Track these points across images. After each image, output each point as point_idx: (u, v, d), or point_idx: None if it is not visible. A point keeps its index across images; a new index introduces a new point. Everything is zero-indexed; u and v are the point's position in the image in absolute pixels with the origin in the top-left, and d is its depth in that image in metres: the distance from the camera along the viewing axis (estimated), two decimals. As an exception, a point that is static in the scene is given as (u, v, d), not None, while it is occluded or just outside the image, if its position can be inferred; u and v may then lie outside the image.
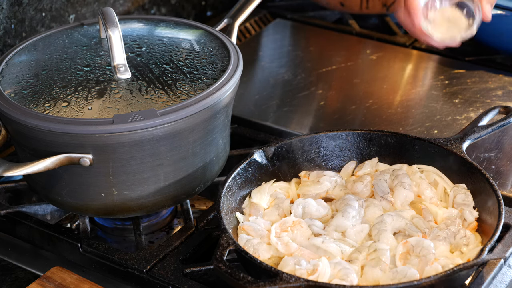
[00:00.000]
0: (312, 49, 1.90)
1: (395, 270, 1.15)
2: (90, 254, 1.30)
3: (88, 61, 1.32)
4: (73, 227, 1.40)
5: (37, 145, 1.22)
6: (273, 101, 1.68)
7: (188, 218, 1.35)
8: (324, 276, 1.14)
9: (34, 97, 1.25)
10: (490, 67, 1.78)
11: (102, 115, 1.21)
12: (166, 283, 1.22)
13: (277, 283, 1.09)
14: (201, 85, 1.27)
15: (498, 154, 1.49)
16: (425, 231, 1.23)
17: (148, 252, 1.27)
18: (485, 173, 1.27)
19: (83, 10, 1.73)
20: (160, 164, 1.24)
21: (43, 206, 1.41)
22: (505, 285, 1.21)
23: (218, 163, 1.34)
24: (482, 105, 1.64)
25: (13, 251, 1.35)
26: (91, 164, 1.21)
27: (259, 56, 1.87)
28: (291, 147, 1.37)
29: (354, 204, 1.26)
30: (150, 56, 1.33)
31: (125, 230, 1.40)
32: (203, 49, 1.35)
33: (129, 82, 1.26)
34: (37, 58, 1.34)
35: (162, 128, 1.20)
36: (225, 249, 1.15)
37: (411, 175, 1.33)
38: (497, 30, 1.76)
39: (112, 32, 1.25)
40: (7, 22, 1.57)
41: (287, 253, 1.20)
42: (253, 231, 1.24)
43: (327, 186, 1.32)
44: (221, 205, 1.24)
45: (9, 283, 1.28)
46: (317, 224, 1.25)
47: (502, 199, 1.22)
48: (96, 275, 1.27)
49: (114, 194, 1.25)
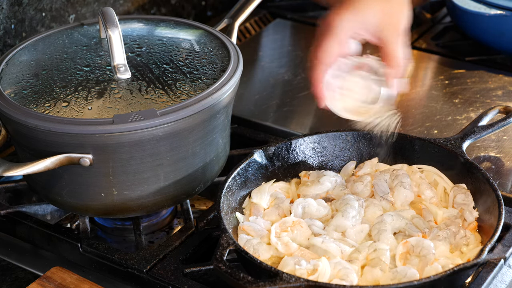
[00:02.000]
0: (312, 49, 1.89)
1: (395, 270, 1.16)
2: (90, 254, 1.30)
3: (88, 61, 1.32)
4: (73, 227, 1.39)
5: (37, 145, 1.22)
6: (273, 101, 1.68)
7: (188, 218, 1.35)
8: (324, 276, 1.14)
9: (34, 97, 1.24)
10: (490, 67, 1.78)
11: (102, 115, 1.21)
12: (166, 283, 1.22)
13: (277, 283, 1.09)
14: (201, 85, 1.27)
15: (498, 154, 1.49)
16: (425, 231, 1.23)
17: (148, 252, 1.27)
18: (485, 173, 1.27)
19: (83, 10, 1.73)
20: (160, 164, 1.24)
21: (43, 206, 1.41)
22: (505, 285, 1.21)
23: (218, 163, 1.34)
24: (482, 105, 1.64)
25: (13, 251, 1.35)
26: (91, 164, 1.21)
27: (259, 56, 1.87)
28: (291, 147, 1.37)
29: (354, 204, 1.26)
30: (150, 56, 1.33)
31: (125, 230, 1.40)
32: (203, 49, 1.35)
33: (129, 82, 1.26)
34: (37, 58, 1.34)
35: (162, 128, 1.20)
36: (225, 249, 1.15)
37: (411, 175, 1.33)
38: (497, 30, 1.76)
39: (112, 32, 1.25)
40: (7, 22, 1.57)
41: (287, 253, 1.20)
42: (253, 231, 1.24)
43: (327, 186, 1.32)
44: (221, 205, 1.24)
45: (9, 283, 1.28)
46: (317, 224, 1.25)
47: (502, 199, 1.22)
48: (96, 275, 1.27)
49: (114, 194, 1.25)
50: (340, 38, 1.29)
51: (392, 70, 1.30)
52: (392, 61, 1.30)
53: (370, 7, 1.29)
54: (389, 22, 1.30)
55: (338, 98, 1.33)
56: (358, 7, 1.29)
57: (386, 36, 1.30)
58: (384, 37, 1.30)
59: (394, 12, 1.31)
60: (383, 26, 1.30)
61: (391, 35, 1.30)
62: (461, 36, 1.91)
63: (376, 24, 1.29)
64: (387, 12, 1.30)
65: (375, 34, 1.30)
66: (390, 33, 1.30)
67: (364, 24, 1.30)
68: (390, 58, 1.30)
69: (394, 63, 1.30)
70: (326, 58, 1.29)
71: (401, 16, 1.32)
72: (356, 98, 1.33)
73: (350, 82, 1.33)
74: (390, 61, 1.30)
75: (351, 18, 1.29)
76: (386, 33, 1.30)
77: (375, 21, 1.29)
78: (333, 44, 1.29)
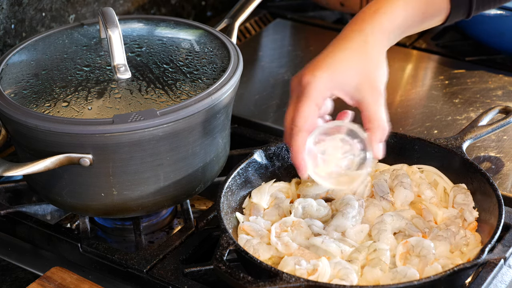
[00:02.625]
0: (312, 49, 1.90)
1: (395, 270, 1.15)
2: (90, 254, 1.30)
3: (88, 61, 1.32)
4: (73, 227, 1.40)
5: (37, 145, 1.22)
6: (273, 101, 1.68)
7: (188, 218, 1.35)
8: (324, 276, 1.14)
9: (34, 97, 1.25)
10: (490, 67, 1.78)
11: (102, 115, 1.21)
12: (166, 283, 1.22)
13: (277, 283, 1.09)
14: (201, 85, 1.27)
15: (498, 154, 1.49)
16: (425, 231, 1.23)
17: (148, 252, 1.27)
18: (485, 173, 1.27)
19: (83, 10, 1.73)
20: (160, 164, 1.24)
21: (43, 206, 1.41)
22: (505, 285, 1.21)
23: (218, 163, 1.34)
24: (482, 105, 1.64)
25: (13, 251, 1.35)
26: (91, 164, 1.21)
27: (259, 56, 1.87)
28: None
29: (354, 204, 1.26)
30: (150, 56, 1.33)
31: (125, 230, 1.40)
32: (203, 49, 1.35)
33: (129, 82, 1.26)
34: (37, 58, 1.34)
35: (162, 128, 1.20)
36: (225, 249, 1.15)
37: (411, 175, 1.33)
38: (497, 30, 1.76)
39: (112, 32, 1.25)
40: (7, 22, 1.57)
41: (287, 253, 1.20)
42: (253, 231, 1.24)
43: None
44: (221, 205, 1.24)
45: (9, 283, 1.28)
46: (317, 224, 1.25)
47: (502, 199, 1.22)
48: (96, 275, 1.27)
49: (114, 194, 1.25)
50: (317, 101, 1.17)
51: (375, 133, 1.19)
52: (374, 124, 1.18)
53: (347, 66, 1.18)
54: (367, 82, 1.18)
55: (321, 166, 1.23)
56: (333, 67, 1.18)
57: (365, 98, 1.18)
58: (363, 99, 1.18)
59: (372, 70, 1.19)
60: (361, 87, 1.18)
61: (371, 97, 1.18)
62: (461, 36, 1.91)
63: (354, 85, 1.18)
64: (365, 71, 1.18)
65: (353, 96, 1.18)
66: (369, 95, 1.18)
67: (341, 85, 1.18)
68: (372, 121, 1.18)
69: (377, 126, 1.19)
70: (305, 124, 1.18)
71: (379, 74, 1.20)
72: (340, 165, 1.24)
73: (332, 148, 1.23)
74: (372, 124, 1.19)
75: (327, 79, 1.17)
76: (365, 95, 1.18)
77: (353, 82, 1.18)
78: (311, 109, 1.17)
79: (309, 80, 1.17)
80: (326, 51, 1.20)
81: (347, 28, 1.22)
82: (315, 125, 1.20)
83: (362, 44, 1.19)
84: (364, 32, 1.20)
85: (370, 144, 1.20)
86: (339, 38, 1.21)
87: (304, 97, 1.17)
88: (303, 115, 1.18)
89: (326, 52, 1.20)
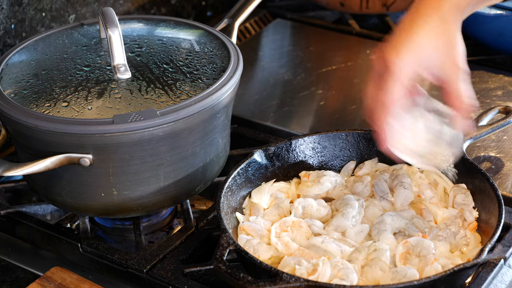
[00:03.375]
0: (312, 49, 1.90)
1: (395, 270, 1.15)
2: (90, 254, 1.30)
3: (88, 61, 1.32)
4: (73, 227, 1.40)
5: (37, 145, 1.22)
6: (273, 101, 1.68)
7: (188, 218, 1.35)
8: (324, 276, 1.14)
9: (34, 97, 1.25)
10: (490, 67, 1.77)
11: (102, 115, 1.21)
12: (166, 283, 1.22)
13: (277, 283, 1.09)
14: (201, 85, 1.27)
15: (498, 154, 1.49)
16: (425, 231, 1.23)
17: (148, 252, 1.27)
18: (485, 173, 1.27)
19: (83, 10, 1.73)
20: (160, 164, 1.24)
21: (43, 206, 1.41)
22: (505, 285, 1.21)
23: (218, 163, 1.34)
24: (482, 105, 1.64)
25: (13, 251, 1.35)
26: (91, 164, 1.21)
27: (259, 56, 1.87)
28: (291, 147, 1.37)
29: (354, 204, 1.26)
30: (150, 56, 1.33)
31: (125, 230, 1.40)
32: (203, 49, 1.35)
33: (129, 82, 1.26)
34: (37, 58, 1.34)
35: (162, 128, 1.20)
36: (225, 249, 1.15)
37: (411, 175, 1.33)
38: (497, 30, 1.76)
39: (112, 32, 1.25)
40: (7, 22, 1.57)
41: (287, 253, 1.20)
42: (253, 231, 1.24)
43: (327, 186, 1.32)
44: (221, 205, 1.24)
45: (9, 283, 1.28)
46: (317, 224, 1.25)
47: (502, 199, 1.22)
48: (96, 275, 1.27)
49: (114, 194, 1.25)
50: (401, 81, 1.20)
51: (457, 111, 1.22)
52: (456, 101, 1.22)
53: (429, 46, 1.21)
54: (450, 60, 1.21)
55: (402, 141, 1.25)
56: (417, 47, 1.21)
57: (450, 76, 1.21)
58: (448, 78, 1.21)
59: (453, 48, 1.22)
60: (445, 66, 1.21)
61: (452, 74, 1.21)
62: (461, 36, 1.91)
63: (439, 65, 1.21)
64: (447, 49, 1.21)
65: (438, 76, 1.22)
66: (453, 72, 1.21)
67: (426, 66, 1.21)
68: (454, 98, 1.22)
69: (459, 103, 1.22)
70: (389, 101, 1.21)
71: (460, 51, 1.22)
72: (421, 141, 1.25)
73: (414, 124, 1.25)
74: (454, 101, 1.22)
75: (410, 59, 1.20)
76: (450, 73, 1.21)
77: (438, 62, 1.21)
78: (395, 88, 1.20)
79: (394, 60, 1.21)
80: (405, 28, 1.22)
81: (423, 3, 1.23)
82: (398, 103, 1.22)
83: (441, 21, 1.22)
84: (442, 8, 1.22)
85: (453, 122, 1.23)
86: (416, 14, 1.23)
87: (391, 78, 1.21)
88: (386, 93, 1.21)
89: (405, 30, 1.22)
